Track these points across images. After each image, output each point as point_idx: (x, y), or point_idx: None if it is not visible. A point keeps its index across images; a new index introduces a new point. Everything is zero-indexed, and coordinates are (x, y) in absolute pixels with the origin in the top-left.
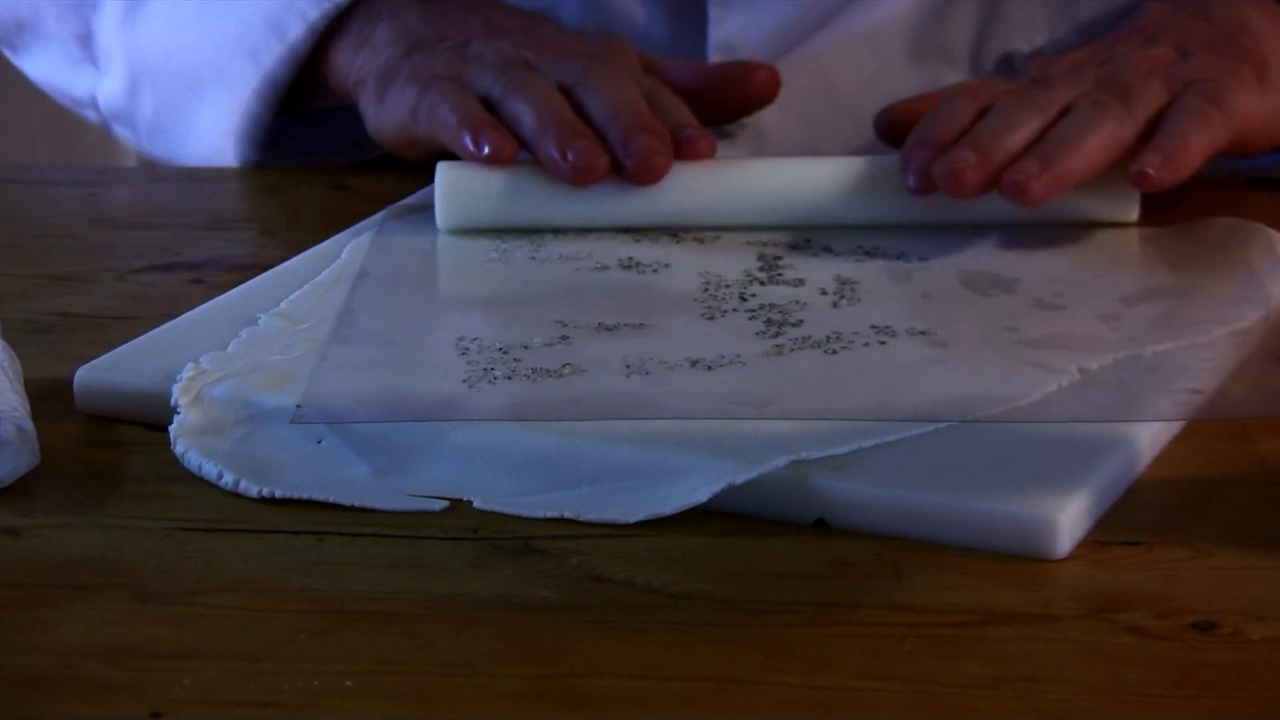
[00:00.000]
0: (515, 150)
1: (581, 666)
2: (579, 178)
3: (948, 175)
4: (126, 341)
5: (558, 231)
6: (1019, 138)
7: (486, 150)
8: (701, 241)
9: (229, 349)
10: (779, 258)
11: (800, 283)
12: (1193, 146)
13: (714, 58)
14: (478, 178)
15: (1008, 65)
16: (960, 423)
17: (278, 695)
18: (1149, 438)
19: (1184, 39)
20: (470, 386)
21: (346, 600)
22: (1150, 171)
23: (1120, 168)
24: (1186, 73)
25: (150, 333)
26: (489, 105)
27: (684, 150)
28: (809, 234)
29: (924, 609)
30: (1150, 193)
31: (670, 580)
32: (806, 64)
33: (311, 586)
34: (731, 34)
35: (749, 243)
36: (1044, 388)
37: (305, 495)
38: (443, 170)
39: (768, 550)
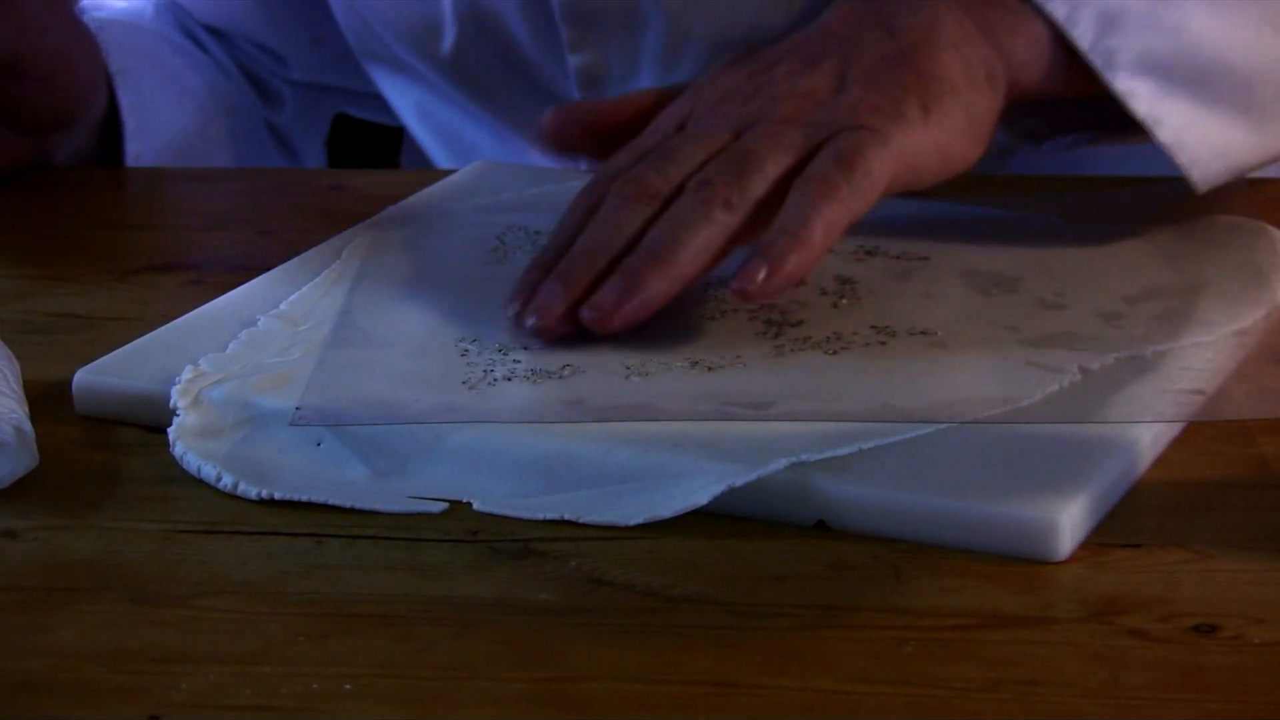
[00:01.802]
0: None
1: (581, 669)
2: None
3: (534, 321)
4: (125, 343)
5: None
6: (608, 253)
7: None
8: None
9: (228, 350)
10: None
11: (800, 283)
12: (812, 237)
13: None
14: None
15: None
16: (961, 424)
17: (276, 698)
18: (1150, 439)
19: (851, 60)
20: (470, 388)
21: (345, 603)
22: (750, 288)
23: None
24: (833, 116)
25: (149, 334)
26: None
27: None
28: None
29: (924, 612)
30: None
31: (670, 583)
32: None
33: (310, 589)
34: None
35: (750, 243)
36: (1045, 388)
37: (304, 497)
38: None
39: (768, 552)
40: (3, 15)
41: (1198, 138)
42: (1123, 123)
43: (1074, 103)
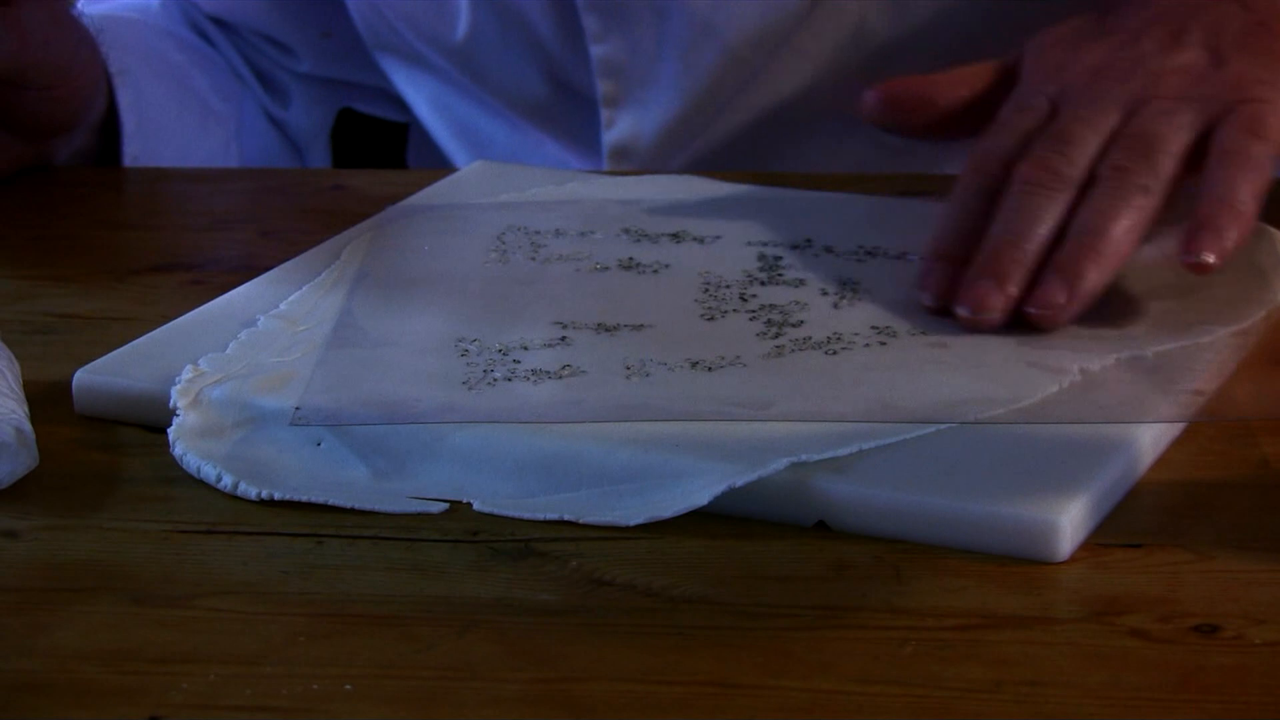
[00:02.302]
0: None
1: (581, 670)
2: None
3: (971, 316)
4: (125, 343)
5: (558, 231)
6: (1036, 243)
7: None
8: (701, 242)
9: (228, 350)
10: (779, 258)
11: (800, 283)
12: (1245, 205)
13: (608, 162)
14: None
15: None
16: (961, 424)
17: (276, 699)
18: (1150, 439)
19: (1216, 33)
20: (470, 388)
21: (346, 603)
22: (1210, 260)
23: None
24: (1221, 91)
25: (149, 334)
26: None
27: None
28: (809, 234)
29: (925, 612)
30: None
31: (671, 583)
32: (707, 151)
33: (310, 589)
34: (624, 136)
35: (749, 243)
36: (1045, 389)
37: (304, 498)
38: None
39: (768, 553)
40: (6, 30)
41: None
42: None
43: None
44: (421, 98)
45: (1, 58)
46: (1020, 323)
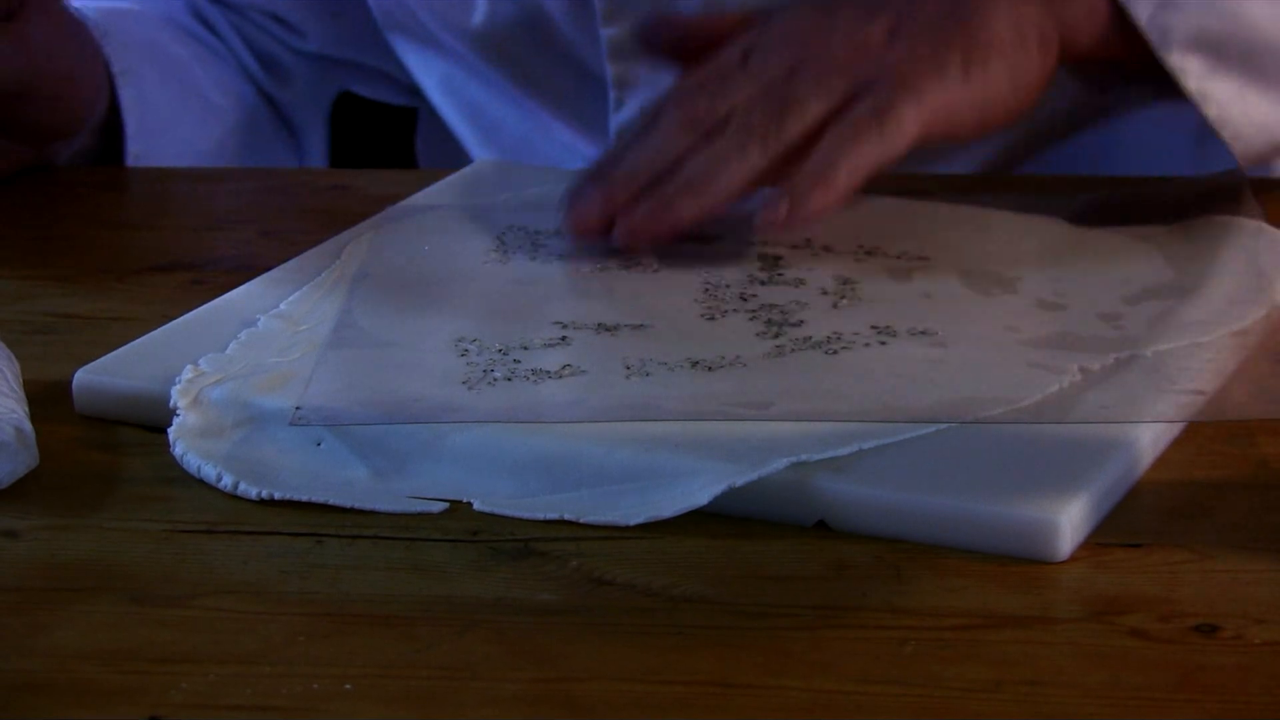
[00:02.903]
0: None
1: (581, 670)
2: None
3: (571, 218)
4: (125, 343)
5: (559, 231)
6: (645, 174)
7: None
8: (701, 241)
9: (228, 350)
10: (779, 258)
11: (800, 283)
12: (836, 179)
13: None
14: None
15: None
16: (961, 424)
17: (276, 698)
18: (1150, 439)
19: (906, 14)
20: (470, 388)
21: (345, 603)
22: (774, 220)
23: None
24: (876, 70)
25: (149, 334)
26: None
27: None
28: (809, 234)
29: (925, 612)
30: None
31: (671, 583)
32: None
33: (310, 589)
34: (633, 118)
35: (749, 243)
36: (1045, 388)
37: (304, 497)
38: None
39: (768, 553)
40: (11, 43)
41: (1241, 113)
42: (1158, 76)
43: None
44: (433, 80)
45: (6, 71)
46: (1012, 324)
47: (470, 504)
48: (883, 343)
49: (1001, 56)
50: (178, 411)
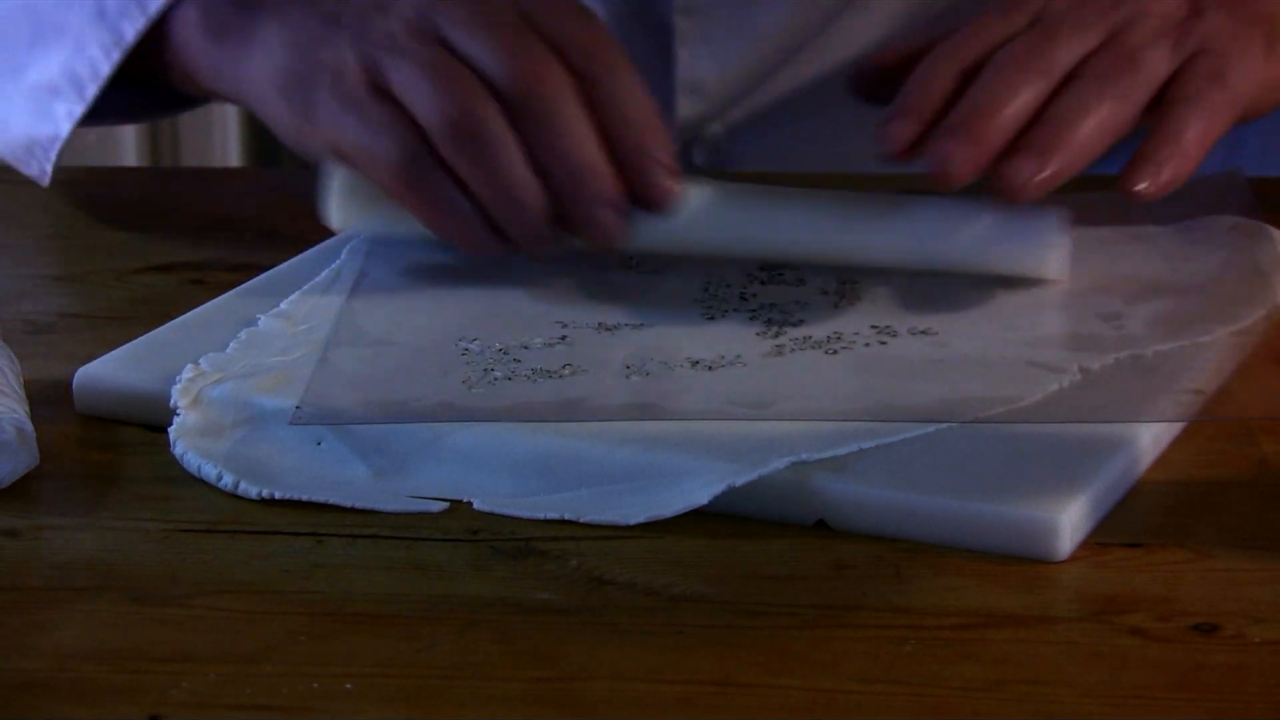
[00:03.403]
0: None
1: (581, 668)
2: (530, 251)
3: (938, 169)
4: (126, 342)
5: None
6: (1012, 114)
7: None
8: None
9: (228, 350)
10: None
11: (800, 282)
12: (1191, 147)
13: (681, 97)
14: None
15: None
16: (961, 423)
17: (277, 698)
18: (1150, 439)
19: None
20: (470, 387)
21: (346, 602)
22: (1142, 188)
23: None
24: (1196, 38)
25: (149, 334)
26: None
27: (645, 200)
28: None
29: (925, 611)
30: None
31: (671, 582)
32: (775, 90)
33: (311, 588)
34: (698, 72)
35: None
36: (1045, 388)
37: (305, 497)
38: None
39: (768, 552)
40: None
41: None
42: None
43: None
44: None
45: None
46: (1012, 324)
47: (470, 503)
48: (883, 342)
49: None
50: (178, 411)
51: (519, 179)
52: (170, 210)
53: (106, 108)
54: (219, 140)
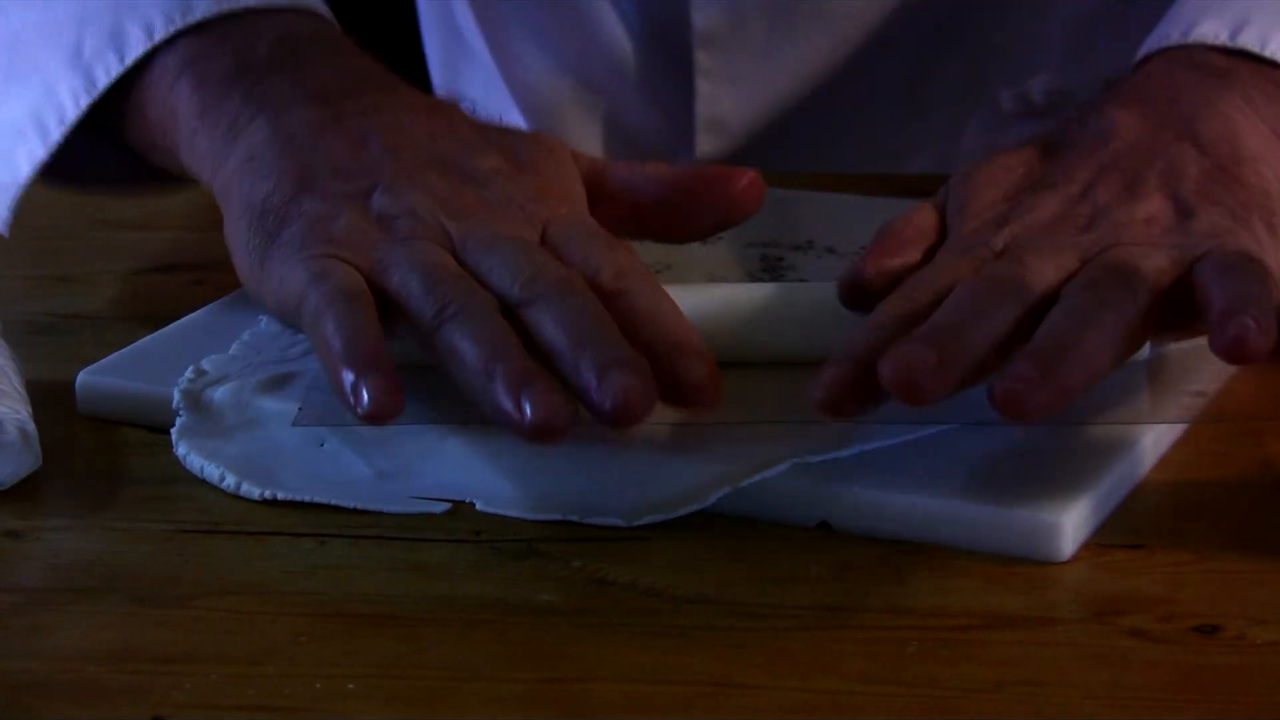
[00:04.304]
0: (399, 410)
1: (583, 670)
2: (540, 437)
3: (897, 378)
4: (128, 344)
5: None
6: (984, 332)
7: (366, 406)
8: (704, 242)
9: (231, 351)
10: (781, 259)
11: (803, 282)
12: (1268, 302)
13: (701, 134)
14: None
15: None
16: (963, 425)
17: (279, 699)
18: (1152, 440)
19: (1176, 181)
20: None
21: (348, 603)
22: (1249, 336)
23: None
24: (1193, 240)
25: (152, 335)
26: (400, 312)
27: (676, 395)
28: (811, 235)
29: (927, 612)
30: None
31: (673, 583)
32: (797, 134)
33: (313, 589)
34: (717, 109)
35: (751, 244)
36: None
37: (307, 498)
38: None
39: (770, 553)
40: None
41: None
42: None
43: None
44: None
45: None
46: None
47: (473, 504)
48: None
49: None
50: (180, 412)
51: (515, 349)
52: (171, 211)
53: (86, 171)
54: None
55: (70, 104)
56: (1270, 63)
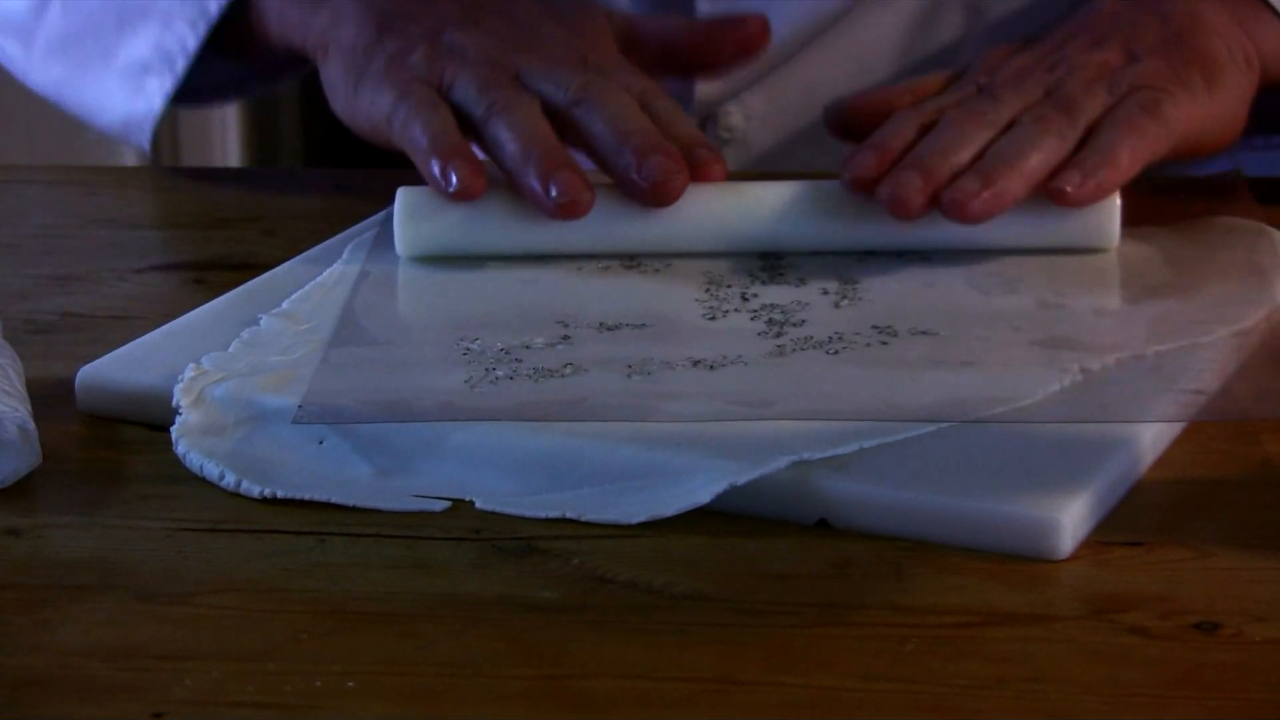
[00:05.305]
0: (484, 186)
1: (583, 667)
2: (563, 212)
3: (892, 198)
4: (128, 342)
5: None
6: (963, 156)
7: (455, 185)
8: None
9: (230, 349)
10: (781, 257)
11: (802, 282)
12: (1120, 160)
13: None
14: (439, 204)
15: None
16: (962, 423)
17: (279, 696)
18: (1151, 438)
19: (1133, 39)
20: (472, 387)
21: (348, 601)
22: (1068, 189)
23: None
24: (1131, 80)
25: (152, 333)
26: (466, 119)
27: (697, 174)
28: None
29: (926, 610)
30: (1073, 208)
31: (672, 581)
32: (795, 78)
33: (313, 587)
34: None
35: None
36: (1046, 387)
37: (307, 496)
38: (402, 195)
39: (769, 551)
40: None
41: None
42: None
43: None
44: None
45: None
46: (1012, 324)
47: (472, 502)
48: (884, 343)
49: (1226, 74)
50: (180, 410)
51: (552, 142)
52: (171, 210)
53: (204, 85)
54: (219, 140)
55: (189, 33)
56: None
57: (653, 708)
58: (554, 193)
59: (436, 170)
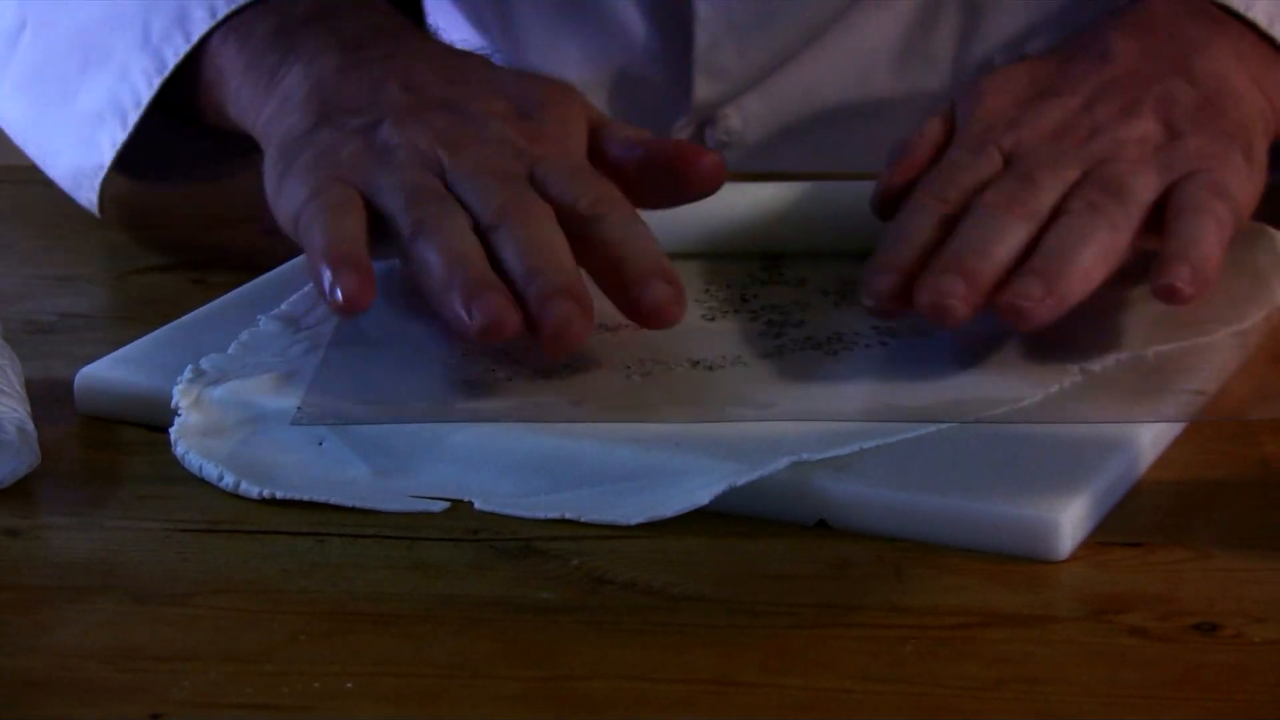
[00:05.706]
0: (370, 301)
1: (582, 668)
2: (482, 336)
3: (934, 307)
4: (127, 343)
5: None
6: (1004, 252)
7: (339, 297)
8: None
9: (230, 350)
10: (780, 258)
11: (802, 283)
12: (1213, 251)
13: (700, 79)
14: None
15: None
16: (962, 423)
17: (277, 697)
18: (1151, 439)
19: (1168, 107)
20: (472, 387)
21: (347, 602)
22: (1181, 286)
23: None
24: (1180, 160)
25: (151, 334)
26: (388, 227)
27: (643, 315)
28: (811, 233)
29: (925, 610)
30: (1181, 304)
31: (671, 581)
32: (793, 80)
33: (312, 588)
34: (716, 53)
35: (751, 246)
36: (1045, 388)
37: (306, 497)
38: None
39: (769, 552)
40: None
41: None
42: None
43: None
44: None
45: None
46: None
47: (471, 503)
48: (883, 343)
49: (1260, 144)
50: (179, 411)
51: (476, 263)
52: (171, 210)
53: (159, 156)
54: None
55: (144, 86)
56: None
57: (651, 709)
58: (475, 316)
59: (325, 279)
